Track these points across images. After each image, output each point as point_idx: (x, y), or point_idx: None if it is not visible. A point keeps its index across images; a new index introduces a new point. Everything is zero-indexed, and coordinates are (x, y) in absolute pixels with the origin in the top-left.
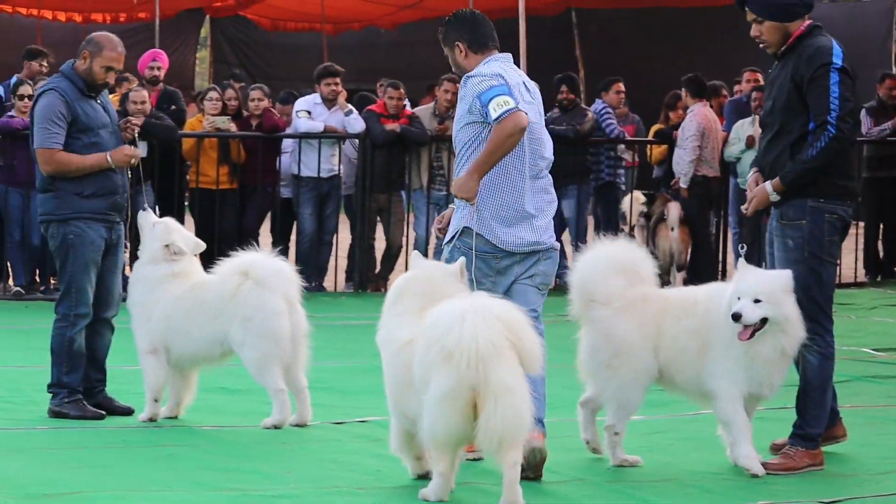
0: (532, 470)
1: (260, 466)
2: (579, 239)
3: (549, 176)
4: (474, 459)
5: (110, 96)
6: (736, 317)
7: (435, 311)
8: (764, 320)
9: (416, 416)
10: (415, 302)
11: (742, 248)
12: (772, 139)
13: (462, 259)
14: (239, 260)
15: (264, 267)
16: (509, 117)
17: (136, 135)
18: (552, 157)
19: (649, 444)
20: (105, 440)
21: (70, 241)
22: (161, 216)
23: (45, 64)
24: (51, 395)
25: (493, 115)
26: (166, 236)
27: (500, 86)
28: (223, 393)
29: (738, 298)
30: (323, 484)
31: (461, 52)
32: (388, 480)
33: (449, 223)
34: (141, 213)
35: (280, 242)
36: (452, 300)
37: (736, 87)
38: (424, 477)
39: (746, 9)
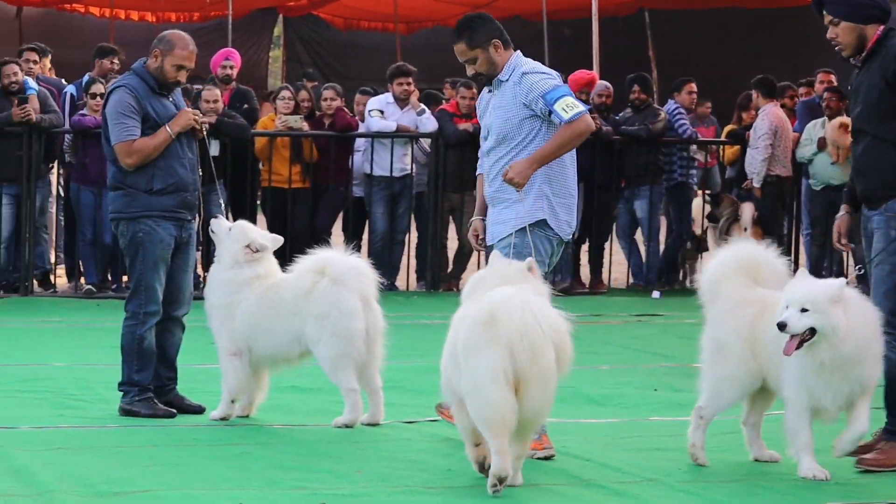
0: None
1: (330, 465)
2: (651, 239)
3: None
4: (544, 458)
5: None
6: (781, 326)
7: (489, 296)
8: (812, 331)
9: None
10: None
11: (858, 269)
12: (869, 144)
13: (531, 259)
14: (315, 258)
15: (340, 264)
16: (581, 119)
17: (206, 133)
18: None
19: (720, 445)
20: (176, 438)
21: (140, 239)
22: (233, 215)
23: (115, 62)
24: (121, 393)
25: (565, 115)
26: (244, 237)
27: (564, 86)
28: (294, 392)
29: (787, 307)
30: (393, 483)
31: (497, 48)
32: (459, 480)
33: (484, 231)
34: (214, 221)
35: (352, 242)
36: (505, 290)
37: (802, 89)
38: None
39: (824, 11)
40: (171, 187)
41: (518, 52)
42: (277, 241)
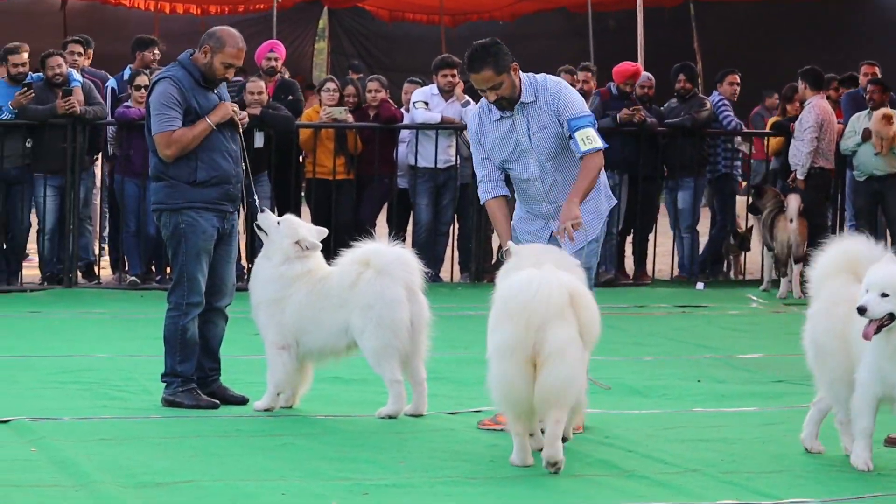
0: None
1: (373, 456)
2: (692, 230)
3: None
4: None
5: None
6: (861, 310)
7: (513, 276)
8: (892, 316)
9: None
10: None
11: None
12: None
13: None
14: (360, 249)
15: (385, 255)
16: (597, 156)
17: (248, 126)
18: None
19: (762, 436)
20: (218, 429)
21: (182, 231)
22: (278, 206)
23: (156, 52)
24: (164, 384)
25: (583, 147)
26: (294, 232)
27: (590, 115)
28: (337, 382)
29: (867, 291)
30: (436, 474)
31: (516, 71)
32: (502, 471)
33: None
34: (261, 216)
35: (396, 233)
36: (529, 269)
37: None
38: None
39: None
40: (215, 179)
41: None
42: (322, 233)
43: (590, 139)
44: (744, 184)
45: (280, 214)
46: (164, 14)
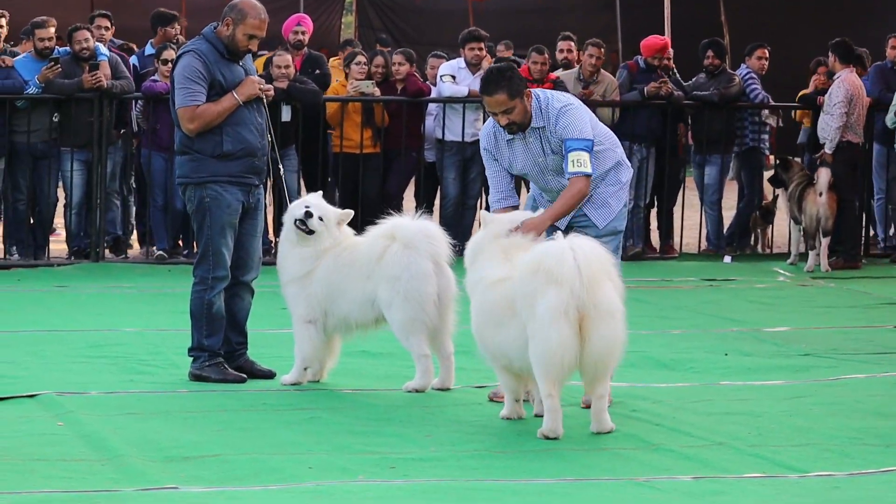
0: None
1: (400, 430)
2: (718, 204)
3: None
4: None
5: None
6: None
7: (536, 248)
8: None
9: (497, 352)
10: (496, 248)
11: None
12: None
13: (523, 213)
14: (386, 224)
15: (410, 229)
16: (583, 180)
17: (269, 98)
18: None
19: (789, 409)
20: (245, 403)
21: (207, 205)
22: (305, 180)
23: (177, 27)
24: (191, 358)
25: (570, 168)
26: (336, 217)
27: (588, 140)
28: (364, 357)
29: None
30: (462, 448)
31: (528, 97)
32: (529, 445)
33: None
34: (309, 221)
35: (423, 207)
36: (554, 241)
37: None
38: (512, 419)
39: None
40: (240, 152)
41: (533, 93)
42: (346, 215)
43: (580, 162)
44: (771, 158)
45: (308, 189)
46: None
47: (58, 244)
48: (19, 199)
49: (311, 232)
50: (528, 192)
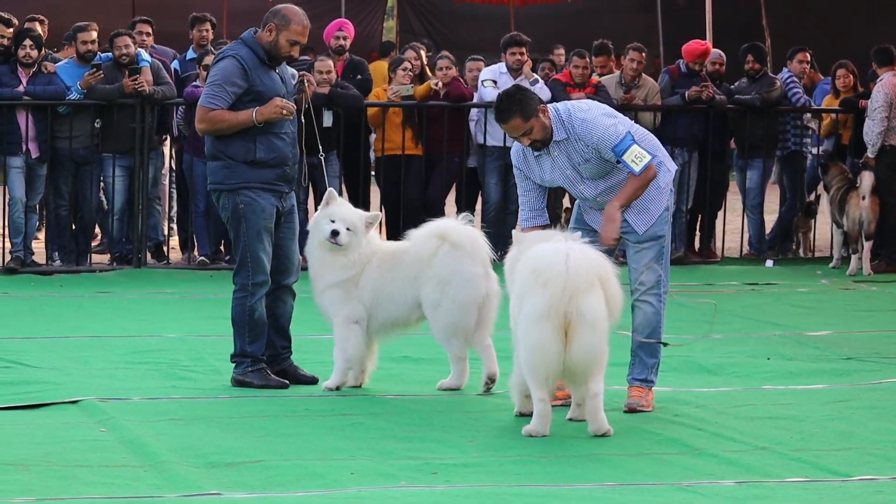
0: None
1: (442, 435)
2: (759, 209)
3: None
4: (637, 410)
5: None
6: None
7: (536, 249)
8: None
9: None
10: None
11: None
12: None
13: (552, 231)
14: (434, 224)
15: (460, 232)
16: (650, 169)
17: (307, 104)
18: None
19: (832, 413)
20: (287, 409)
21: (241, 211)
22: (347, 185)
23: (206, 28)
24: (234, 364)
25: (635, 167)
26: (364, 222)
27: (628, 136)
28: (406, 362)
29: None
30: (505, 453)
31: (545, 112)
32: (571, 449)
33: None
34: (339, 237)
35: (465, 211)
36: (554, 242)
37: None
38: (526, 416)
39: None
40: (273, 161)
41: (550, 107)
42: (376, 217)
43: (638, 157)
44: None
45: (350, 194)
46: None
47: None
48: (61, 205)
49: (342, 244)
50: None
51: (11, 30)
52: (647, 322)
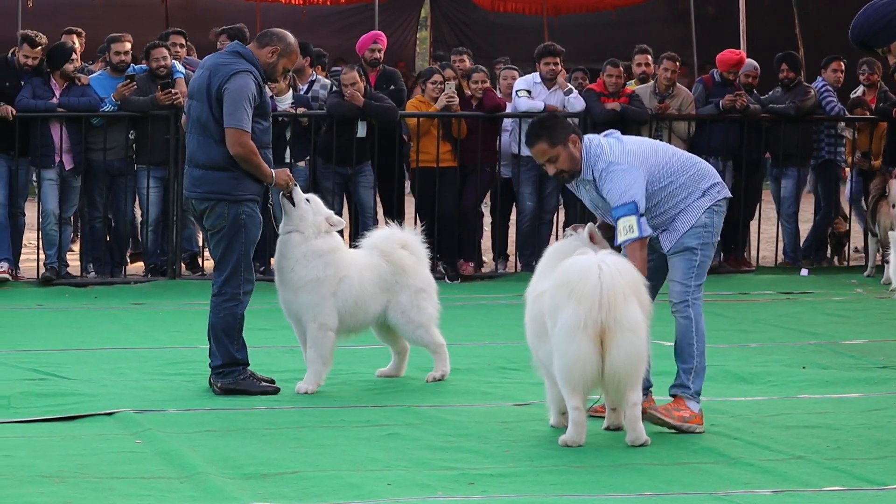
0: None
1: (478, 445)
2: (794, 217)
3: None
4: (688, 431)
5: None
6: None
7: (567, 261)
8: None
9: (547, 362)
10: (554, 262)
11: None
12: None
13: (591, 224)
14: (388, 234)
15: (415, 240)
16: (634, 247)
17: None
18: None
19: (867, 422)
20: (323, 420)
21: (243, 221)
22: (381, 196)
23: (221, 39)
24: (220, 373)
25: (619, 237)
26: (323, 209)
27: (632, 205)
28: None
29: None
30: (541, 462)
31: (575, 143)
32: (607, 459)
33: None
34: (295, 189)
35: (500, 221)
36: (585, 255)
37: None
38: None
39: (875, 49)
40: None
41: (585, 139)
42: (340, 222)
43: (629, 228)
44: (847, 170)
45: (385, 204)
46: (267, 3)
47: (134, 261)
48: (96, 216)
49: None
50: None
51: (38, 49)
52: (679, 334)
